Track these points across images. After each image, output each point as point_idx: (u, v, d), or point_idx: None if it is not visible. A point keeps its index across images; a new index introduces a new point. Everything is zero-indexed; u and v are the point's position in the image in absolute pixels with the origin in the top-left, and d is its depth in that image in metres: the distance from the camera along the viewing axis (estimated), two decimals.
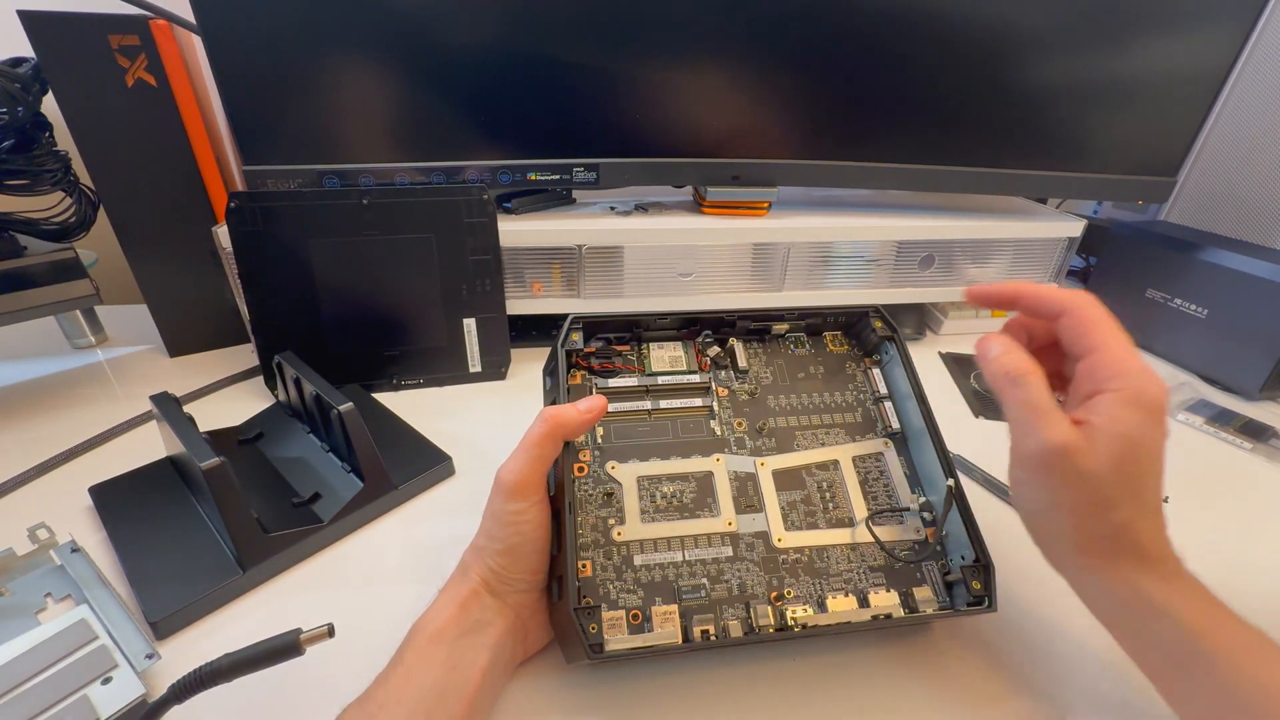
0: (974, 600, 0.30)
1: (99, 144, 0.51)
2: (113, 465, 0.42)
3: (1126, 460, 0.25)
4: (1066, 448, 0.25)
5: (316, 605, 0.35)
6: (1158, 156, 0.62)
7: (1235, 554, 0.40)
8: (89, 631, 0.31)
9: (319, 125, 0.51)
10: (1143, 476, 0.26)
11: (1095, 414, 0.26)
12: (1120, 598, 0.26)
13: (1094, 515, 0.26)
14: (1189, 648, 0.24)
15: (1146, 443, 0.25)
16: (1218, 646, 0.24)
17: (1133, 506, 0.26)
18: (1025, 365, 0.27)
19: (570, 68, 0.51)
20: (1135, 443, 0.25)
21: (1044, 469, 0.26)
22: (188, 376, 0.56)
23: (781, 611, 0.30)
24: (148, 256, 0.56)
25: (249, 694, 0.28)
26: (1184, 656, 0.25)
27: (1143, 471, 0.26)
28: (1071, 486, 0.26)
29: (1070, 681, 0.31)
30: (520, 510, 0.28)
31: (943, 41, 0.54)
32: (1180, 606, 0.25)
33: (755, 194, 0.59)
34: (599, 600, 0.29)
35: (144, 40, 0.49)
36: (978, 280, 0.66)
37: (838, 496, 0.34)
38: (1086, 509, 0.26)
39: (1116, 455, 0.25)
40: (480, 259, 0.54)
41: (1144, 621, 0.26)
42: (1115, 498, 0.25)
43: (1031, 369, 0.27)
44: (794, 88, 0.55)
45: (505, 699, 0.30)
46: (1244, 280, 0.57)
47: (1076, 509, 0.26)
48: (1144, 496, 0.26)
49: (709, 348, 0.37)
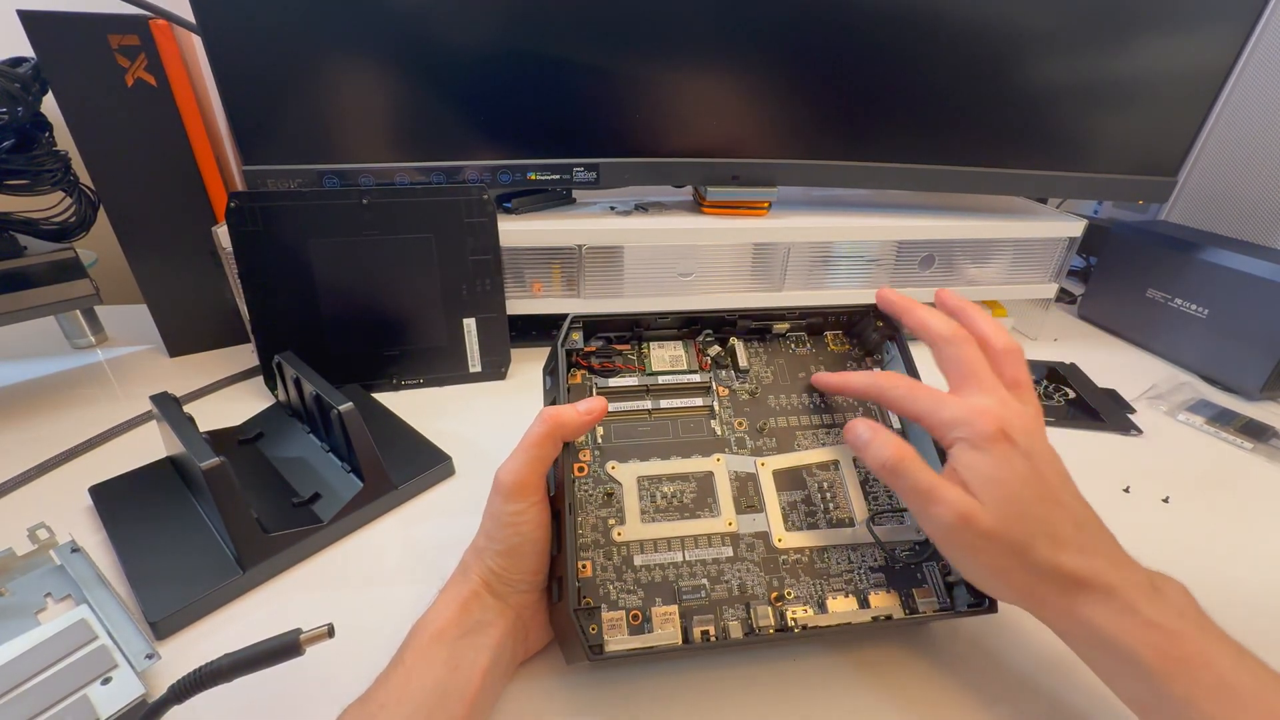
0: (974, 602, 0.30)
1: (99, 144, 0.51)
2: (113, 465, 0.42)
3: (1011, 499, 0.25)
4: (962, 517, 0.25)
5: (316, 605, 0.35)
6: (1158, 156, 0.62)
7: (1235, 554, 0.40)
8: (89, 631, 0.31)
9: (319, 125, 0.51)
10: (1036, 508, 0.25)
11: (960, 467, 0.26)
12: (1081, 637, 0.26)
13: (1015, 565, 0.26)
14: (1154, 692, 0.24)
15: (1015, 475, 0.26)
16: (1181, 691, 0.23)
17: (1045, 542, 0.25)
18: (896, 452, 0.28)
19: (570, 67, 0.51)
20: (1004, 481, 0.25)
21: (954, 543, 0.27)
22: (188, 376, 0.56)
23: (782, 612, 0.30)
24: (147, 256, 0.56)
25: (249, 694, 0.28)
26: (1150, 699, 0.24)
27: (1031, 502, 0.25)
28: (982, 549, 0.26)
29: (1070, 684, 0.31)
30: (519, 511, 0.28)
31: (943, 41, 0.54)
32: (1141, 648, 0.24)
33: (755, 194, 0.59)
34: (599, 601, 0.29)
35: (144, 40, 0.49)
36: (978, 280, 0.66)
37: (838, 497, 0.34)
38: (1006, 562, 0.26)
39: (1000, 500, 0.25)
40: (480, 259, 0.54)
41: (1109, 663, 0.26)
42: (1024, 541, 0.25)
43: (903, 454, 0.27)
44: (794, 87, 0.55)
45: (505, 699, 0.30)
46: (1244, 280, 0.57)
47: (998, 566, 0.26)
48: (1053, 528, 0.25)
49: (709, 347, 0.37)
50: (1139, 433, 0.52)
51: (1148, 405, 0.57)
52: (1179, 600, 0.25)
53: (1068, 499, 0.27)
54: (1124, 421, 0.53)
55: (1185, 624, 0.24)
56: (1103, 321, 0.72)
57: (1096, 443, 0.51)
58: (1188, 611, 0.25)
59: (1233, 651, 0.24)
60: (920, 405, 0.29)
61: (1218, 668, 0.23)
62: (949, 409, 0.28)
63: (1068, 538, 0.25)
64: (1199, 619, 0.25)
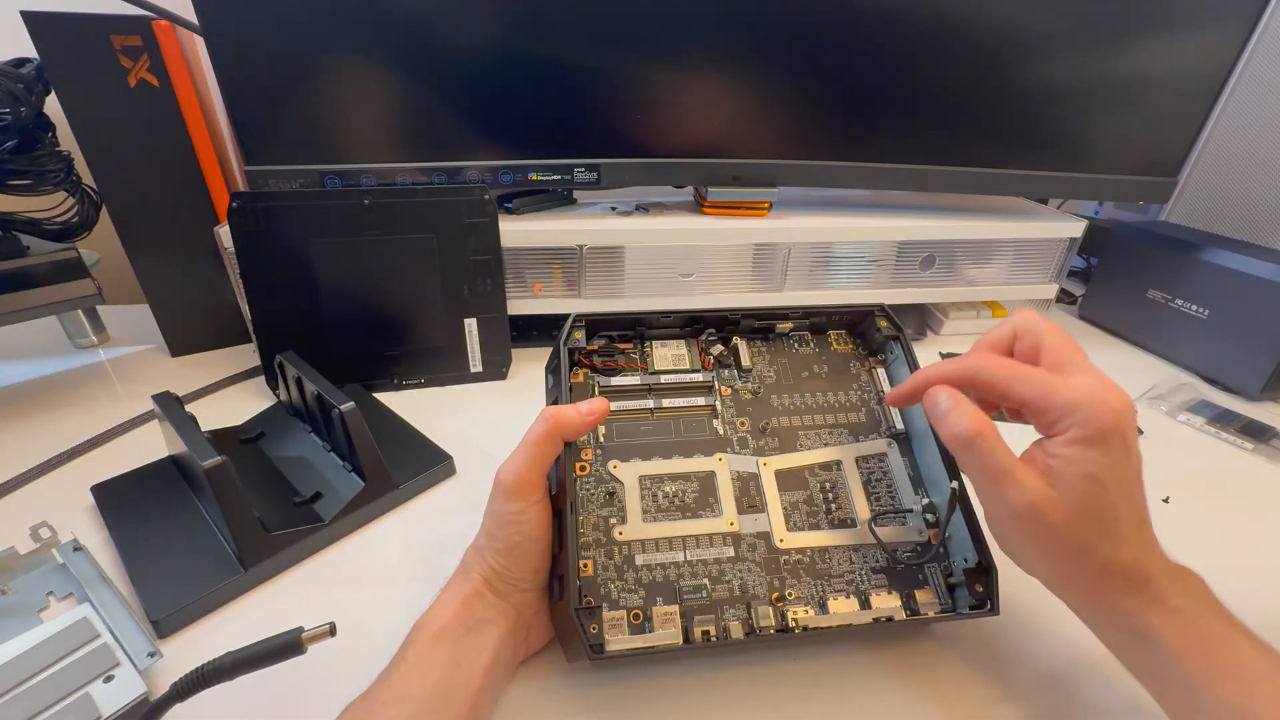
0: (976, 603, 0.30)
1: (101, 144, 0.51)
2: (115, 464, 0.42)
3: (1094, 501, 0.25)
4: (1032, 507, 0.25)
5: (318, 604, 0.35)
6: (1159, 157, 0.62)
7: (1236, 554, 0.40)
8: (91, 630, 0.31)
9: (320, 125, 0.52)
10: (1115, 509, 0.25)
11: (1054, 457, 0.25)
12: (1109, 622, 0.27)
13: (1073, 560, 0.26)
14: (1172, 671, 0.24)
15: (1114, 476, 0.25)
16: (1200, 671, 0.24)
17: (1110, 543, 0.25)
18: (975, 426, 0.26)
19: (572, 68, 0.51)
20: (1100, 480, 0.25)
21: (1015, 528, 0.26)
22: (189, 376, 0.56)
23: (783, 613, 0.30)
24: (150, 256, 0.56)
25: (251, 692, 0.28)
26: (1169, 679, 0.25)
27: (1114, 504, 0.25)
28: (1044, 540, 0.26)
29: (1071, 686, 0.31)
30: (520, 510, 0.28)
31: (944, 42, 0.54)
32: (1166, 631, 0.24)
33: (756, 194, 0.59)
34: (600, 600, 0.29)
35: (146, 41, 0.50)
36: (979, 281, 0.66)
37: (840, 497, 0.34)
38: (1064, 556, 0.26)
39: (1083, 498, 0.25)
40: (481, 259, 0.54)
41: (1132, 646, 0.26)
42: (1090, 540, 0.25)
43: (981, 429, 0.26)
44: (795, 88, 0.55)
45: (506, 698, 0.30)
46: (1245, 280, 0.57)
47: (1054, 557, 0.26)
48: (1119, 528, 0.25)
49: (712, 346, 0.37)
50: (1140, 433, 0.52)
51: (1148, 406, 0.57)
52: (1199, 588, 0.26)
53: (1139, 498, 0.26)
54: None
55: (1205, 609, 0.25)
56: (1103, 322, 0.72)
57: None
58: (1208, 598, 0.26)
59: (1247, 637, 0.25)
60: (1029, 386, 0.26)
61: (1234, 652, 0.24)
62: (1065, 391, 0.25)
63: (1127, 537, 0.25)
64: (1216, 606, 0.25)
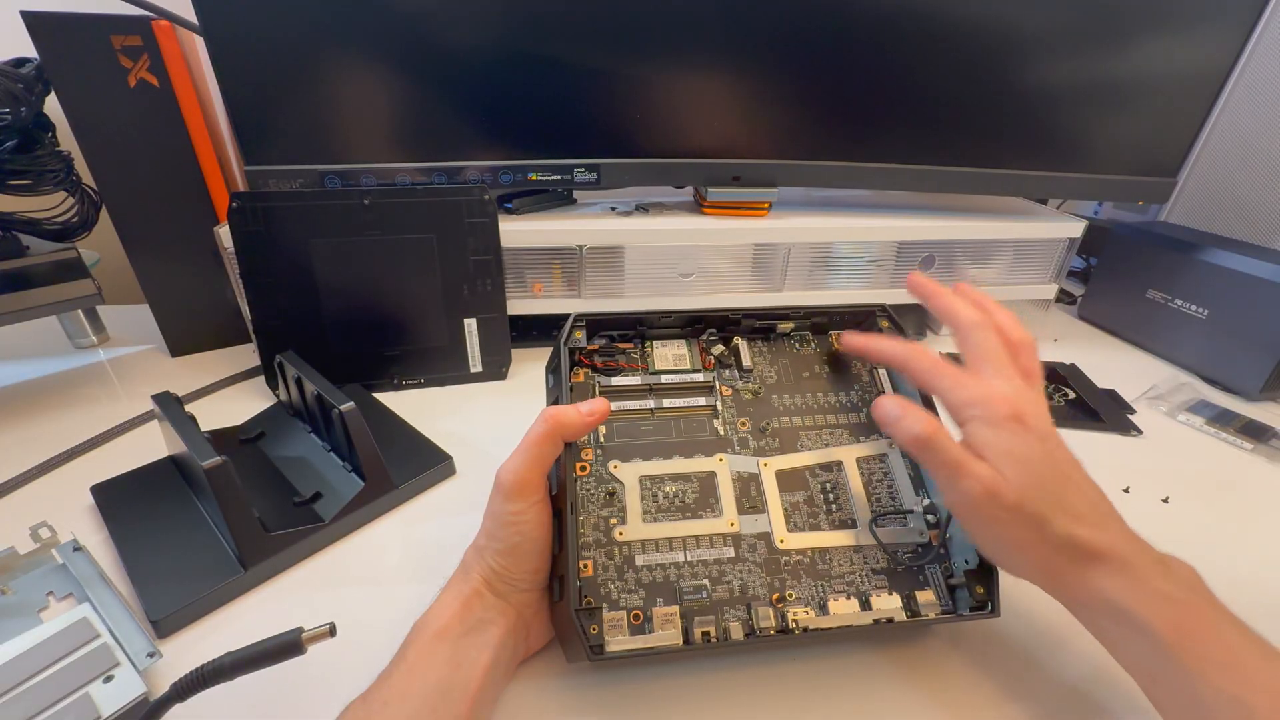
0: (977, 605, 0.30)
1: (101, 144, 0.51)
2: (114, 464, 0.42)
3: (1031, 474, 0.26)
4: (990, 490, 0.26)
5: (318, 604, 0.35)
6: (1158, 157, 0.62)
7: (1236, 554, 0.40)
8: (91, 630, 0.31)
9: (320, 125, 0.52)
10: (1052, 482, 0.27)
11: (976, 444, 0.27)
12: (1095, 609, 0.27)
13: (1034, 539, 0.27)
14: (1164, 661, 0.24)
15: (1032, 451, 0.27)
16: (1193, 660, 0.24)
17: (1062, 516, 0.26)
18: (928, 427, 0.28)
19: (572, 68, 0.51)
20: (1021, 455, 0.26)
21: (980, 515, 0.27)
22: (189, 376, 0.56)
23: (783, 613, 0.30)
24: (150, 256, 0.56)
25: (250, 692, 0.28)
26: (1160, 670, 0.25)
27: (1052, 479, 0.27)
28: (1004, 522, 0.27)
29: (1072, 687, 0.31)
30: (520, 510, 0.28)
31: (943, 42, 0.54)
32: (1156, 620, 0.25)
33: (755, 194, 0.59)
34: (600, 600, 0.29)
35: (146, 41, 0.50)
36: (979, 281, 0.66)
37: (841, 498, 0.34)
38: (1025, 535, 0.27)
39: (1019, 470, 0.26)
40: (481, 259, 0.54)
41: (1121, 634, 0.26)
42: (1043, 514, 0.26)
43: (932, 428, 0.28)
44: (794, 88, 0.55)
45: (506, 698, 0.30)
46: (1244, 280, 0.57)
47: (1018, 539, 0.27)
48: (1067, 501, 0.26)
49: (713, 346, 0.37)
50: (1139, 433, 0.52)
51: (1148, 406, 0.57)
52: (1188, 576, 0.26)
53: (1080, 479, 0.28)
54: (1124, 422, 0.53)
55: (1196, 598, 0.25)
56: (1103, 322, 0.72)
57: (1096, 443, 0.51)
58: (1197, 587, 0.26)
59: (1239, 627, 0.25)
60: (941, 381, 0.29)
61: (1226, 641, 0.24)
62: (968, 389, 0.28)
63: (1083, 513, 0.26)
64: (1207, 595, 0.26)
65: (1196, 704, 0.24)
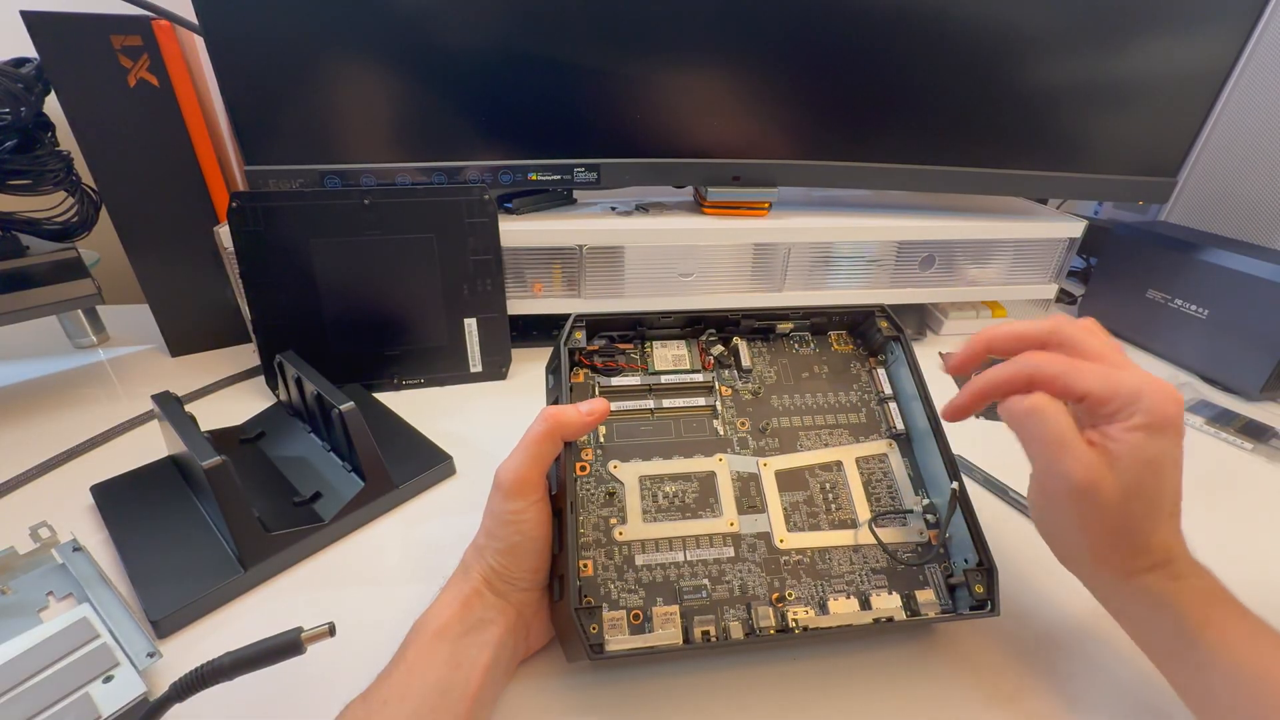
0: (976, 604, 0.30)
1: (101, 144, 0.51)
2: (114, 464, 0.42)
3: (1149, 484, 0.26)
4: (1090, 484, 0.25)
5: (317, 604, 0.35)
6: (1158, 157, 0.62)
7: (1236, 554, 0.40)
8: (90, 630, 0.31)
9: (320, 125, 0.52)
10: (1163, 494, 0.26)
11: (1116, 441, 0.26)
12: (1127, 594, 0.27)
13: (1114, 537, 0.27)
14: (1188, 638, 0.25)
15: (1167, 462, 0.26)
16: (1215, 638, 0.25)
17: (1151, 525, 0.26)
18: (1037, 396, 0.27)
19: (572, 68, 0.51)
20: (1157, 465, 0.26)
21: (1067, 501, 0.27)
22: (189, 376, 0.56)
23: (783, 613, 0.30)
24: (149, 256, 0.56)
25: (250, 692, 0.28)
26: (1182, 646, 0.26)
27: (1164, 489, 0.26)
28: (1093, 516, 0.26)
29: (1072, 687, 0.31)
30: (519, 510, 0.28)
31: (943, 42, 0.54)
32: (1182, 601, 0.26)
33: (756, 194, 0.59)
34: (600, 600, 0.29)
35: (146, 40, 0.50)
36: (978, 281, 0.66)
37: (841, 498, 0.34)
38: (1107, 533, 0.27)
39: (1137, 480, 0.26)
40: (481, 259, 0.54)
41: (1147, 613, 0.27)
42: (1137, 521, 0.26)
43: (1044, 403, 0.26)
44: (794, 88, 0.55)
45: (507, 697, 0.30)
46: (1244, 280, 0.57)
47: (1097, 534, 0.27)
48: (1161, 511, 0.26)
49: (713, 346, 0.37)
50: None
51: None
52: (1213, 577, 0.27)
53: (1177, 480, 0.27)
54: None
55: (1220, 590, 0.26)
56: (1103, 322, 0.70)
57: None
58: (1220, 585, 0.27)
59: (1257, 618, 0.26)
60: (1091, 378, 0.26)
61: (1249, 625, 0.25)
62: (1130, 380, 0.26)
63: (1165, 521, 0.27)
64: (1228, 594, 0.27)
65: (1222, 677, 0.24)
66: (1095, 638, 0.29)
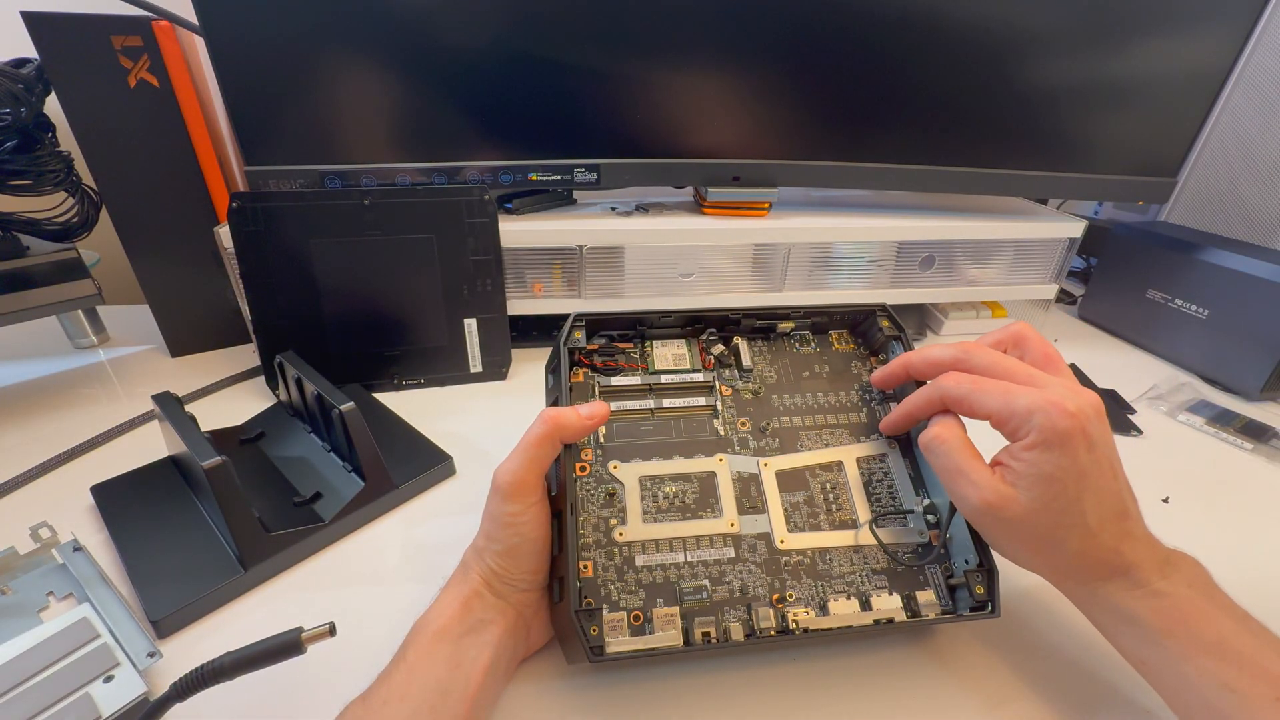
0: (977, 605, 0.30)
1: (101, 144, 0.51)
2: (114, 465, 0.42)
3: (1054, 498, 0.26)
4: (990, 505, 0.27)
5: (318, 604, 0.35)
6: (1158, 157, 0.62)
7: (1236, 554, 0.40)
8: (91, 630, 0.31)
9: (320, 126, 0.52)
10: (1078, 505, 0.26)
11: (1017, 460, 0.27)
12: (1091, 603, 0.28)
13: (1043, 550, 0.28)
14: (1155, 649, 0.26)
15: (1074, 474, 0.26)
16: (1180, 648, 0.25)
17: (1078, 535, 0.26)
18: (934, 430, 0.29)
19: (572, 68, 0.51)
20: (1058, 480, 0.26)
21: (979, 521, 0.28)
22: (189, 376, 0.56)
23: (783, 614, 0.30)
24: (150, 256, 0.56)
25: (250, 692, 0.28)
26: (1151, 657, 0.27)
27: (1076, 500, 0.26)
28: (1005, 532, 0.28)
29: (1072, 687, 0.31)
30: (518, 511, 0.28)
31: (943, 42, 0.54)
32: (1148, 614, 0.26)
33: (756, 194, 0.59)
34: (600, 601, 0.29)
35: (147, 41, 0.50)
36: (979, 281, 0.66)
37: (841, 498, 0.34)
38: (1033, 547, 0.28)
39: (1042, 496, 0.26)
40: (481, 259, 0.54)
41: (1118, 626, 0.28)
42: (1056, 534, 0.27)
43: (939, 433, 0.29)
44: (794, 89, 0.55)
45: (506, 699, 0.30)
46: (1244, 280, 0.57)
47: (1018, 548, 0.28)
48: (1087, 521, 0.26)
49: (713, 346, 0.37)
50: (1139, 433, 0.52)
51: (1148, 406, 0.57)
52: (1189, 572, 0.27)
53: (1114, 487, 0.27)
54: (1124, 422, 0.53)
55: (1192, 591, 0.26)
56: (1103, 322, 0.72)
57: None
58: (1196, 582, 0.27)
59: (1238, 616, 0.26)
60: (990, 399, 0.27)
61: (1219, 628, 0.25)
62: (1023, 399, 0.26)
63: (1101, 528, 0.26)
64: (1207, 588, 0.27)
65: (1189, 689, 0.25)
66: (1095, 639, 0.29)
